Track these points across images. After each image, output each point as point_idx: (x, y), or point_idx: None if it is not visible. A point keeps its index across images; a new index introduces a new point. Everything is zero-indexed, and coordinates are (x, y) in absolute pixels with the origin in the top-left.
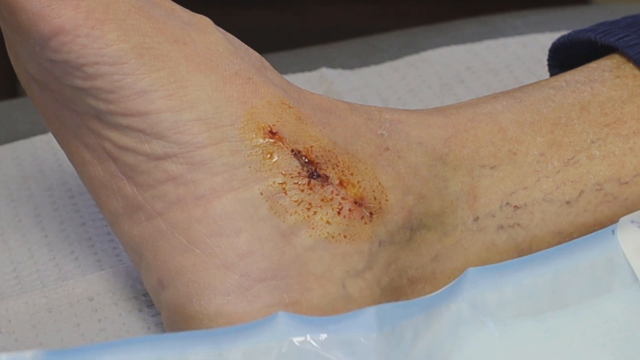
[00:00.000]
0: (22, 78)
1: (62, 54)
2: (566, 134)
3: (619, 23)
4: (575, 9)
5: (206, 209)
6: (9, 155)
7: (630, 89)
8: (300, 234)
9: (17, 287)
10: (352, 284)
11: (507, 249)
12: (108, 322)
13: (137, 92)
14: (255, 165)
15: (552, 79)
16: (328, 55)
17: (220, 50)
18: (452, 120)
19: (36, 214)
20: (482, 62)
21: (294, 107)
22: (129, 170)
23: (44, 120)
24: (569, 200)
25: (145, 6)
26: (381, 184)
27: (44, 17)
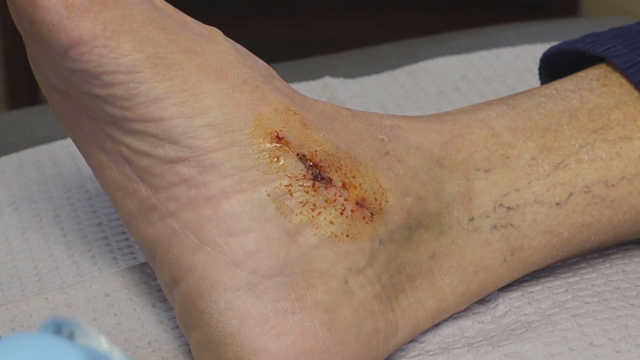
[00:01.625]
0: (43, 86)
1: (81, 64)
2: (556, 139)
3: (605, 34)
4: (565, 22)
5: (216, 209)
6: (30, 159)
7: (617, 97)
8: (305, 233)
9: (38, 283)
10: (354, 280)
11: (500, 247)
12: (123, 316)
13: (152, 100)
14: (263, 168)
15: (543, 87)
16: (331, 64)
17: (229, 60)
18: (448, 126)
19: (56, 215)
20: (476, 72)
21: (299, 113)
22: (143, 173)
23: (63, 126)
24: (558, 202)
25: (159, 18)
26: (381, 186)
27: (63, 28)
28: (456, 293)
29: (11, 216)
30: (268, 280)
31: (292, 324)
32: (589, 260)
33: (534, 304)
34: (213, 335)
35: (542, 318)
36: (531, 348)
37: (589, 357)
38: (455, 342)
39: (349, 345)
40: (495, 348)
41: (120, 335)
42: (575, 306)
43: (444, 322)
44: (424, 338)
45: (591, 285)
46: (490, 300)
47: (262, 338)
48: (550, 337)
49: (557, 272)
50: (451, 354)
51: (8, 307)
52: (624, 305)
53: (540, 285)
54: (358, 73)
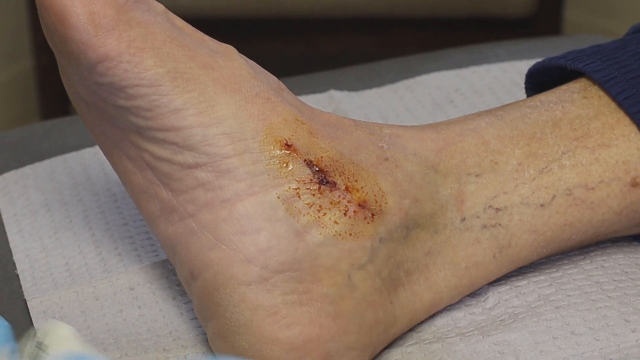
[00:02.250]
0: (73, 98)
1: (107, 78)
2: (540, 147)
3: (585, 51)
4: (548, 40)
5: (231, 210)
6: (61, 166)
7: (596, 108)
8: (312, 232)
9: (69, 278)
10: (357, 275)
11: (489, 245)
12: (147, 308)
13: (172, 110)
14: (273, 173)
15: (529, 99)
16: (336, 79)
17: (243, 75)
18: (442, 134)
19: (85, 216)
20: (468, 85)
21: (306, 123)
22: (164, 178)
23: (91, 135)
24: (543, 204)
25: (179, 36)
26: (381, 189)
27: (91, 46)
28: (449, 287)
29: (44, 217)
30: (278, 275)
31: (300, 314)
32: (571, 257)
33: (521, 297)
34: (228, 325)
35: (528, 310)
36: (518, 337)
37: (571, 344)
38: (449, 331)
39: (352, 334)
40: (485, 337)
41: (144, 325)
42: (558, 299)
43: (438, 314)
44: (420, 328)
45: (573, 280)
46: (480, 294)
47: (273, 328)
48: (536, 327)
49: (542, 267)
50: (445, 342)
51: (41, 300)
52: (602, 298)
53: (526, 280)
54: (360, 87)
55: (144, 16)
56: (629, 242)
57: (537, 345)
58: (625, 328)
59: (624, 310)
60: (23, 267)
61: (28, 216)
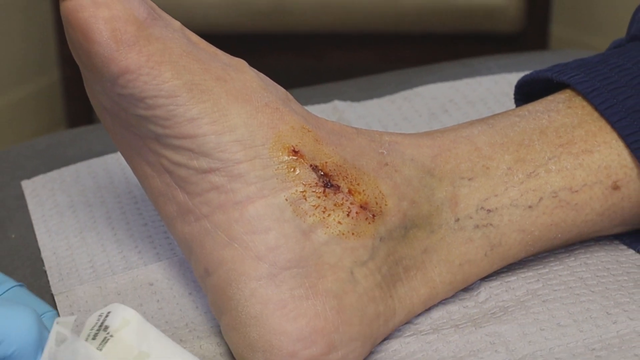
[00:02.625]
0: (96, 108)
1: (128, 89)
2: (528, 153)
3: (570, 65)
4: (536, 54)
5: (242, 212)
6: (85, 170)
7: (580, 117)
8: (317, 232)
9: (93, 274)
10: (359, 271)
11: (481, 244)
12: (165, 302)
13: (188, 119)
14: (282, 177)
15: (518, 109)
16: (339, 90)
17: (253, 86)
18: (437, 141)
19: (107, 217)
20: (462, 96)
21: (312, 131)
22: (181, 182)
23: (113, 142)
24: (530, 205)
25: (194, 51)
26: (382, 192)
27: (113, 60)
28: (444, 282)
29: (70, 218)
30: (286, 272)
31: (306, 308)
32: (557, 254)
33: (511, 291)
34: (240, 317)
35: (517, 303)
36: (508, 328)
37: (556, 335)
38: (444, 323)
39: (354, 326)
40: (477, 329)
41: (162, 318)
42: (545, 293)
43: (434, 307)
44: (417, 320)
45: (558, 276)
46: (473, 289)
47: (281, 320)
48: (524, 319)
49: (530, 264)
50: (440, 333)
51: (67, 294)
52: (586, 292)
53: (515, 276)
54: (362, 97)
55: (162, 32)
56: (611, 240)
57: (525, 336)
58: (607, 320)
59: (606, 303)
60: (50, 264)
61: (55, 217)
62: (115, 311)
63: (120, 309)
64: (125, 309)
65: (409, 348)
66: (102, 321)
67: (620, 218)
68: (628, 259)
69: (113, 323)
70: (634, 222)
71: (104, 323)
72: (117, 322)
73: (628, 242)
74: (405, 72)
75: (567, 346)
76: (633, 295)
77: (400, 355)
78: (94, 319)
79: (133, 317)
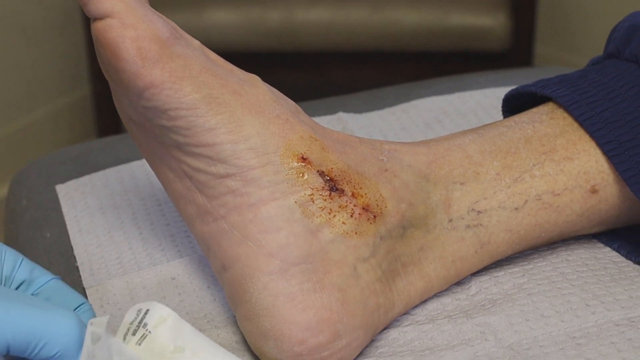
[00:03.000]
0: (124, 119)
1: (153, 102)
2: (515, 160)
3: (552, 80)
4: (521, 70)
5: (256, 213)
6: (113, 176)
7: (561, 127)
8: (324, 231)
9: (120, 270)
10: (361, 267)
11: (472, 242)
12: (185, 295)
13: (206, 129)
14: (291, 181)
15: (505, 120)
16: (343, 103)
17: (266, 99)
18: (432, 149)
19: (133, 217)
20: (454, 108)
21: (319, 140)
22: (200, 186)
23: (139, 150)
24: (517, 207)
25: (212, 67)
26: (382, 195)
27: (139, 75)
28: (439, 277)
29: (99, 218)
30: (295, 267)
31: (313, 300)
32: (541, 252)
33: (499, 285)
34: (253, 309)
35: (505, 296)
36: (496, 319)
37: (540, 325)
38: (439, 314)
39: (357, 316)
40: (469, 319)
41: (183, 309)
42: (530, 287)
43: (429, 299)
44: (414, 311)
45: (542, 271)
46: (465, 283)
47: (291, 311)
48: (511, 311)
49: (516, 261)
50: (435, 323)
51: (97, 287)
52: (567, 286)
53: (503, 271)
54: (364, 109)
55: (183, 50)
56: (589, 239)
57: (512, 325)
58: (586, 311)
59: (585, 296)
60: (82, 260)
61: (86, 218)
62: (153, 309)
63: (158, 307)
64: (163, 308)
65: (406, 336)
66: (141, 318)
67: (598, 219)
68: (605, 256)
69: (151, 320)
70: (610, 223)
71: (142, 320)
72: (155, 319)
73: (605, 241)
74: (403, 86)
75: (550, 335)
76: (610, 289)
77: (399, 343)
78: (132, 315)
79: (169, 315)
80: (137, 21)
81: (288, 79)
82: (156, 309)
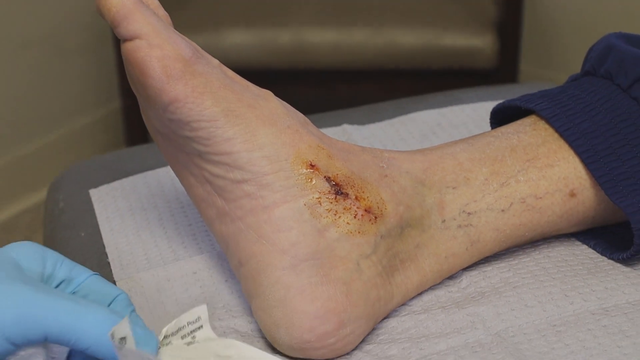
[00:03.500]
0: (151, 130)
1: (177, 115)
2: (501, 166)
3: (535, 95)
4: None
5: (270, 214)
6: (141, 181)
7: (543, 137)
8: (330, 231)
9: (147, 264)
10: (363, 263)
11: (463, 240)
12: (206, 287)
13: (225, 139)
14: (301, 186)
15: (493, 131)
16: (348, 116)
17: (278, 112)
18: (428, 157)
19: (159, 218)
20: (447, 121)
21: (326, 149)
22: (219, 190)
23: (164, 158)
24: (503, 209)
25: (230, 84)
26: (382, 198)
27: (164, 91)
28: (433, 272)
29: (129, 219)
30: (304, 263)
31: (321, 292)
32: (525, 249)
33: (487, 279)
34: (267, 300)
35: (492, 289)
36: (485, 309)
37: (524, 314)
38: (433, 305)
39: (360, 307)
40: (460, 309)
41: (204, 300)
42: (515, 280)
43: (425, 292)
44: (411, 302)
45: (526, 266)
46: (457, 277)
47: (301, 302)
48: (498, 302)
49: (503, 257)
50: (430, 313)
51: (127, 280)
52: (548, 279)
53: (491, 267)
54: (366, 121)
55: (204, 68)
56: (569, 238)
57: (499, 315)
58: (566, 302)
59: (564, 287)
60: (113, 256)
61: (117, 219)
62: (205, 327)
63: (208, 328)
64: (207, 323)
65: (404, 325)
66: (192, 325)
67: (576, 220)
68: (582, 253)
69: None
70: (587, 223)
71: (191, 326)
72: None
73: (582, 239)
74: (401, 101)
75: (533, 323)
76: (586, 281)
77: (397, 330)
78: (184, 320)
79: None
80: (163, 42)
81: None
82: (207, 329)
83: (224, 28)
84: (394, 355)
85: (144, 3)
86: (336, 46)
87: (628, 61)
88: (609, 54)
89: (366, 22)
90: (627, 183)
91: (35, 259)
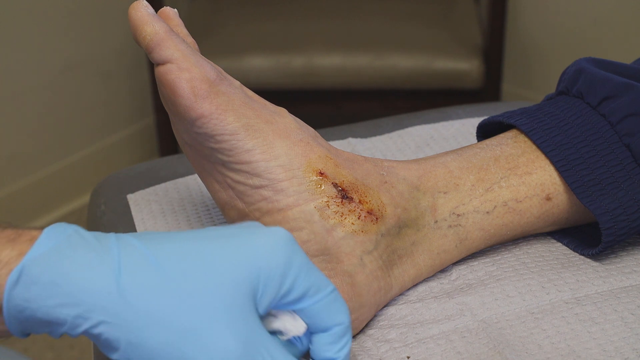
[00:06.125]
0: (180, 142)
1: (203, 129)
2: (486, 174)
3: (516, 111)
4: (492, 104)
5: (284, 216)
6: (172, 188)
7: (522, 149)
8: (337, 230)
9: None
10: (366, 258)
11: (453, 239)
12: None
13: (245, 150)
14: (312, 191)
15: (479, 143)
16: (352, 130)
17: (292, 127)
18: (422, 166)
19: (187, 220)
20: (439, 134)
21: (333, 159)
22: (240, 194)
23: (192, 167)
24: (488, 211)
25: (249, 102)
26: (382, 202)
27: (192, 108)
28: (427, 266)
29: (161, 221)
30: (314, 258)
31: None
32: (507, 246)
33: (474, 272)
34: None
35: (479, 281)
36: (472, 299)
37: (506, 304)
38: (427, 295)
39: (363, 296)
40: (450, 299)
41: None
42: (498, 274)
43: (420, 283)
44: (407, 293)
45: (508, 261)
46: (447, 270)
47: None
48: (483, 292)
49: (488, 253)
50: (424, 302)
51: None
52: (527, 272)
53: (477, 261)
54: (368, 135)
55: (227, 89)
56: (545, 236)
57: (484, 304)
58: (542, 292)
59: (541, 280)
60: None
61: (150, 220)
62: None
63: None
64: None
65: (401, 312)
66: None
67: (551, 220)
68: (557, 249)
69: None
70: (561, 223)
71: None
72: None
73: (557, 237)
74: (399, 117)
75: (514, 311)
76: (561, 274)
77: (396, 317)
78: None
79: None
80: (191, 66)
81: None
82: None
83: (244, 54)
84: (393, 339)
85: (174, 32)
86: (342, 69)
87: (597, 82)
88: (579, 76)
89: (368, 48)
90: (596, 188)
91: (277, 274)
